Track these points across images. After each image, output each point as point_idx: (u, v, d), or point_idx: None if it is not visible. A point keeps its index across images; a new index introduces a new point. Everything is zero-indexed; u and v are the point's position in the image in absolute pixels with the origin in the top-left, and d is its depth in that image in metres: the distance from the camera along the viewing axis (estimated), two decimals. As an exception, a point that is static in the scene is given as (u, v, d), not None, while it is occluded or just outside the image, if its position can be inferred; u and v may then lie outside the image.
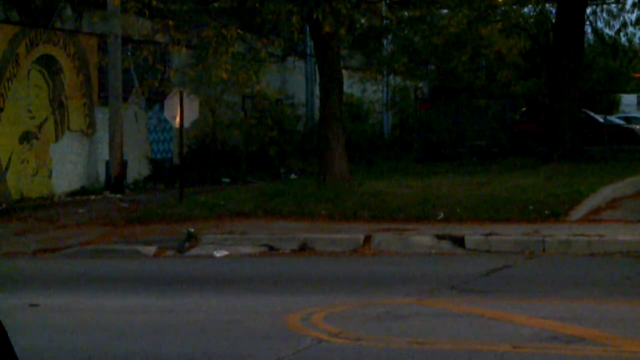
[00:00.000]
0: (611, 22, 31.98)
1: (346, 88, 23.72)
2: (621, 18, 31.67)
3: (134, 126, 22.52)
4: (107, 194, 20.15)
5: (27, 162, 19.22)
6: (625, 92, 45.66)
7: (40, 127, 19.58)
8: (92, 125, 21.05)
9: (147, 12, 18.91)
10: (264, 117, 26.19)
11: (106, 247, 13.97)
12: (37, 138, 19.50)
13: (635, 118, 40.47)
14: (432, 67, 23.90)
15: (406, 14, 21.54)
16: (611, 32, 33.00)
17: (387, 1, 21.04)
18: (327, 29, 16.97)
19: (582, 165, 21.56)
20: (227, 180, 22.83)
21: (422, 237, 13.12)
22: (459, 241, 12.85)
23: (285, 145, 26.28)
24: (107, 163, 20.73)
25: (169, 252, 13.46)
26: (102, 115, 20.98)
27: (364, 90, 30.37)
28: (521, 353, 6.94)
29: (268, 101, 26.91)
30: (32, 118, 19.37)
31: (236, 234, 14.05)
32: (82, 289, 10.78)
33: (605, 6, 30.61)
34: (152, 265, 12.75)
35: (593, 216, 14.65)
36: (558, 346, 7.14)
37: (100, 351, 7.47)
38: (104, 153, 20.86)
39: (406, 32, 20.13)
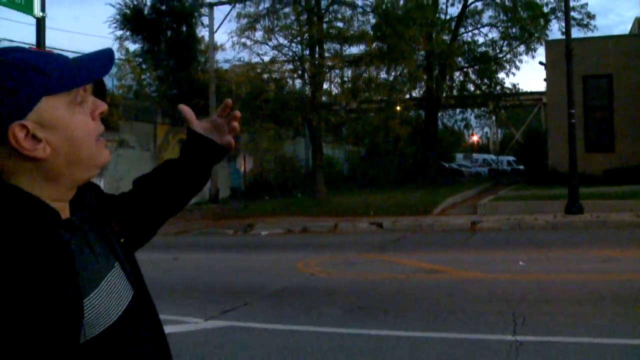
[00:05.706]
0: (451, 120, 32.43)
1: (325, 151, 23.74)
2: (454, 118, 32.21)
3: (222, 171, 22.52)
4: (209, 204, 19.97)
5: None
6: (458, 152, 46.15)
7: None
8: (202, 171, 20.95)
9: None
10: (285, 166, 26.20)
11: (208, 231, 13.56)
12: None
13: (463, 165, 40.88)
14: (367, 140, 24.00)
15: (353, 115, 21.64)
16: (450, 124, 33.45)
17: (344, 109, 21.15)
18: (314, 123, 17.06)
19: (438, 188, 21.61)
20: (267, 197, 22.62)
21: (363, 224, 13.08)
22: (380, 225, 12.82)
23: (295, 180, 26.22)
24: (209, 189, 20.61)
25: (240, 233, 13.34)
26: (206, 166, 20.81)
27: (334, 152, 30.31)
28: (409, 279, 6.95)
29: (287, 158, 26.90)
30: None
31: (271, 224, 13.96)
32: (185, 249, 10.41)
33: (447, 112, 31.01)
34: (231, 239, 12.58)
35: (444, 212, 14.68)
36: (426, 275, 7.15)
37: (178, 281, 7.29)
38: (207, 184, 20.69)
39: (354, 123, 20.17)
